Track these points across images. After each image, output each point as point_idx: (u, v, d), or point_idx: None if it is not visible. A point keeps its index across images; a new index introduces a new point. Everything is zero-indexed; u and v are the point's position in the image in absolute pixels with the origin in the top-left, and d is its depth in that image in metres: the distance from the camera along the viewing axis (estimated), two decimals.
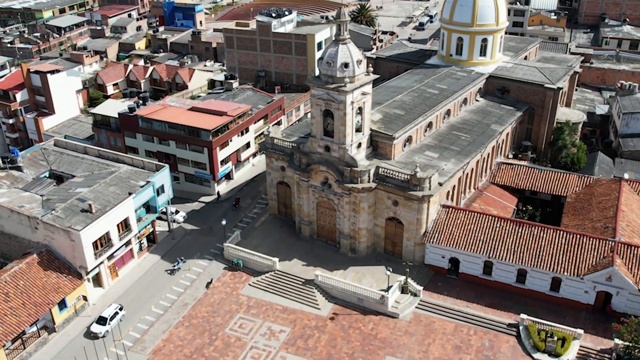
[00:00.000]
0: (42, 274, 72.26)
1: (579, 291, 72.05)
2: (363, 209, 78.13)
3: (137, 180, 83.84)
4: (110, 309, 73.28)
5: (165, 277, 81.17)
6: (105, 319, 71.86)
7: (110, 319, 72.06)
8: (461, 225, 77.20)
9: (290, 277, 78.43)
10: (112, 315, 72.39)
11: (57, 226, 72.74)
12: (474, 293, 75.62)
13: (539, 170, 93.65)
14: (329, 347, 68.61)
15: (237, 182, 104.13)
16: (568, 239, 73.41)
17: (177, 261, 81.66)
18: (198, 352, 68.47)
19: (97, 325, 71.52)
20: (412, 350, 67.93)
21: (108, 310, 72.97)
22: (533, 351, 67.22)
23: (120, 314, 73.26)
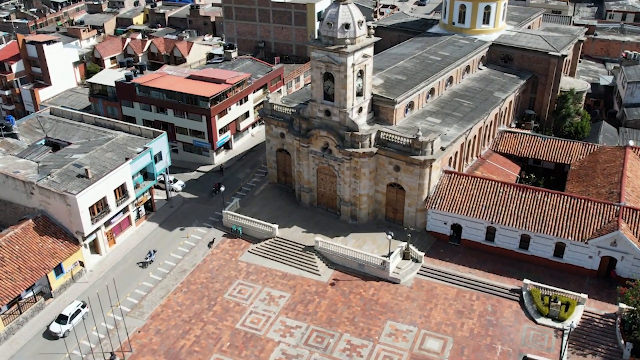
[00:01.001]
0: (38, 239, 71.11)
1: (583, 256, 70.97)
2: (364, 175, 76.83)
3: (134, 146, 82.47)
4: (72, 306, 66.97)
5: (164, 244, 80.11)
6: (66, 317, 65.56)
7: (72, 317, 65.85)
8: (464, 191, 75.95)
9: (290, 244, 77.34)
10: (73, 314, 66.09)
11: (52, 190, 71.49)
12: (476, 259, 74.57)
13: (542, 138, 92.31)
14: (329, 312, 67.68)
15: (236, 152, 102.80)
16: (572, 204, 72.20)
17: (149, 253, 76.00)
18: (197, 317, 67.55)
19: (57, 324, 65.25)
20: (413, 315, 66.99)
21: (69, 308, 66.68)
22: (536, 316, 66.27)
23: (83, 312, 66.74)
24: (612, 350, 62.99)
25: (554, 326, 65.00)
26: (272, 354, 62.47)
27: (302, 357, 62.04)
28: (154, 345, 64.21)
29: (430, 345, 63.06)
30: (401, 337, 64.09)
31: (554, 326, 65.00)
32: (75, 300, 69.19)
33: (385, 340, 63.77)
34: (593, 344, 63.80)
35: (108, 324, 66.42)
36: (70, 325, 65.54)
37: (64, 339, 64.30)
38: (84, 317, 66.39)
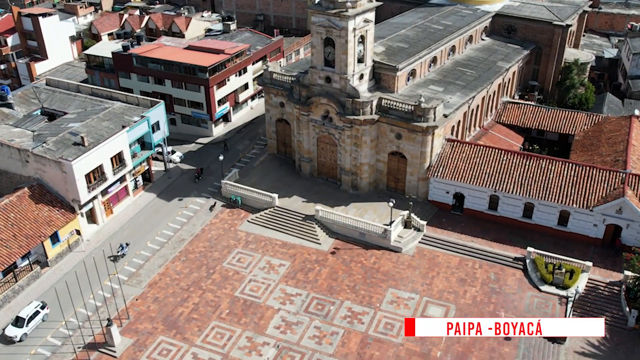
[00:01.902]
0: (34, 207, 69.93)
1: (588, 225, 69.82)
2: (365, 143, 75.48)
3: (132, 116, 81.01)
4: (30, 307, 61.59)
5: (162, 214, 78.94)
6: (23, 319, 60.24)
7: (29, 319, 60.64)
8: (466, 159, 74.63)
9: (289, 213, 76.16)
10: (31, 316, 60.89)
11: (48, 158, 70.23)
12: (479, 229, 73.43)
13: (546, 109, 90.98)
14: (329, 280, 66.63)
15: (235, 125, 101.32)
16: (577, 171, 70.95)
17: (121, 246, 70.95)
18: (195, 285, 66.52)
19: (13, 327, 59.98)
20: (415, 283, 65.95)
21: (27, 310, 61.24)
22: (540, 283, 65.24)
23: (42, 313, 61.82)
24: (617, 317, 62.07)
25: (558, 294, 63.99)
26: (271, 321, 61.49)
27: (302, 324, 61.05)
28: (152, 312, 63.23)
29: (433, 313, 62.06)
30: (403, 305, 63.08)
31: (558, 294, 63.99)
32: (35, 300, 63.48)
33: (387, 308, 62.77)
34: (598, 312, 62.83)
35: (105, 292, 65.35)
36: (27, 328, 60.16)
37: None
38: (43, 318, 61.69)
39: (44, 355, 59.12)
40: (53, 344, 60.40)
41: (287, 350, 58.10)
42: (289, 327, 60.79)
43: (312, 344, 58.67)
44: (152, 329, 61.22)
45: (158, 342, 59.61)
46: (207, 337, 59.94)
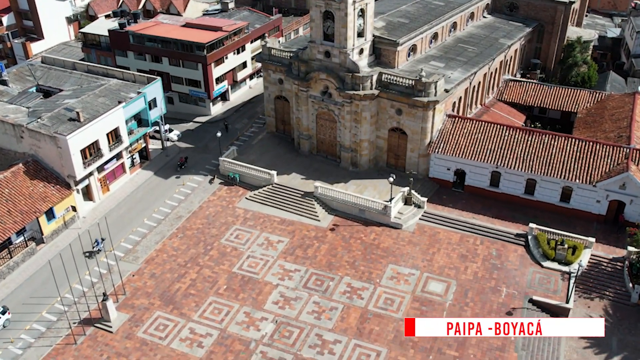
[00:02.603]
0: (29, 183, 68.91)
1: (591, 201, 68.82)
2: (365, 119, 74.32)
3: (128, 92, 79.84)
4: None
5: (159, 191, 77.98)
6: None
7: None
8: (468, 135, 73.50)
9: (288, 190, 75.15)
10: None
11: (43, 133, 69.12)
12: (481, 205, 72.44)
13: (548, 86, 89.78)
14: (329, 256, 65.71)
15: (233, 104, 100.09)
16: (580, 147, 69.87)
17: (96, 242, 67.10)
18: (192, 261, 65.63)
19: None
20: (416, 259, 65.05)
21: None
22: (542, 259, 64.34)
23: (3, 319, 57.96)
24: (619, 293, 61.29)
25: (560, 269, 63.09)
26: (270, 297, 60.63)
27: (300, 299, 60.19)
28: (149, 288, 62.36)
29: (433, 288, 61.20)
30: (403, 280, 62.20)
31: (560, 269, 63.09)
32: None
33: (387, 283, 61.90)
34: (600, 288, 62.06)
35: (101, 268, 64.41)
36: None
37: None
38: (4, 324, 58.11)
39: (39, 330, 58.32)
40: (48, 319, 59.56)
41: (286, 325, 57.30)
42: (287, 302, 59.94)
43: (311, 319, 57.85)
44: (149, 304, 60.38)
45: (155, 318, 58.79)
46: (205, 312, 59.11)
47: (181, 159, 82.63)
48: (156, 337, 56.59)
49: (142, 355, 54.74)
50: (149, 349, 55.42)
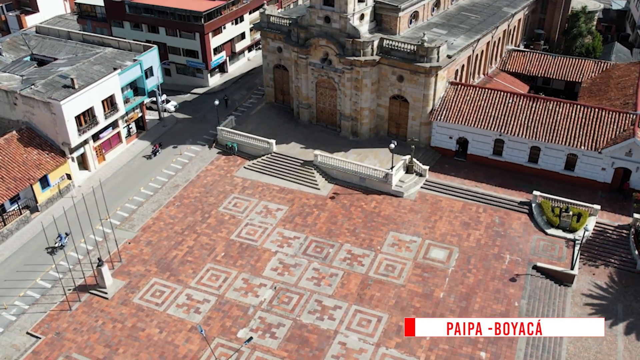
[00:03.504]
0: (22, 150, 67.50)
1: (596, 169, 67.46)
2: (365, 86, 72.74)
3: (124, 60, 78.16)
4: None
5: (155, 161, 76.66)
6: None
7: None
8: (471, 102, 71.98)
9: (287, 159, 73.78)
10: None
11: (36, 99, 67.57)
12: (483, 174, 71.09)
13: (552, 56, 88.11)
14: (328, 224, 64.44)
15: (231, 75, 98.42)
16: (585, 113, 68.38)
17: (59, 237, 62.62)
18: (190, 229, 64.36)
19: None
20: (417, 227, 63.79)
21: None
22: (546, 227, 63.09)
23: None
24: (625, 261, 60.13)
25: (564, 237, 61.84)
26: (268, 264, 59.43)
27: (300, 266, 59.00)
28: (145, 255, 61.16)
29: (435, 255, 60.00)
30: (404, 247, 60.97)
31: (564, 237, 61.84)
32: None
33: (388, 250, 60.68)
34: (605, 255, 60.88)
35: (97, 236, 63.10)
36: None
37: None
38: None
39: (33, 297, 57.17)
40: (42, 286, 58.41)
41: (285, 292, 56.14)
42: (286, 269, 58.75)
43: (311, 285, 56.68)
44: (145, 271, 59.20)
45: (151, 284, 57.63)
46: (202, 279, 57.96)
47: (155, 145, 78.08)
48: (152, 304, 55.46)
49: (138, 321, 53.62)
50: (145, 314, 54.29)
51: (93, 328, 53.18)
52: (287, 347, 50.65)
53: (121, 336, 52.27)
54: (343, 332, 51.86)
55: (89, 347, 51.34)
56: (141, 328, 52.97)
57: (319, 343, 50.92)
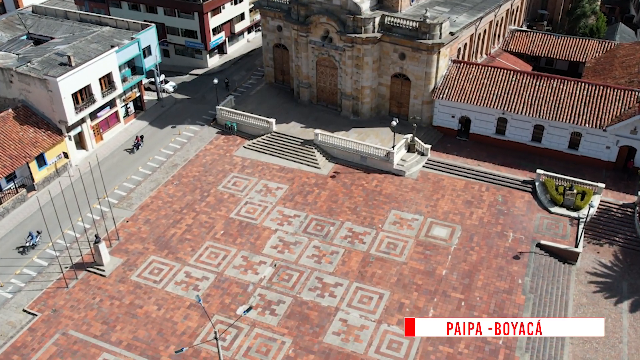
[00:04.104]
0: (19, 128, 66.54)
1: (600, 147, 66.54)
2: (367, 64, 71.65)
3: (122, 39, 77.00)
4: None
5: (154, 141, 75.73)
6: None
7: None
8: (474, 80, 70.94)
9: (287, 138, 72.80)
10: None
11: (33, 76, 66.52)
12: (486, 153, 70.18)
13: (555, 36, 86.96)
14: (329, 203, 63.55)
15: (230, 57, 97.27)
16: (590, 91, 67.34)
17: (30, 235, 59.91)
18: (189, 208, 63.46)
19: None
20: (419, 205, 62.89)
21: None
22: (550, 205, 62.21)
23: None
24: (629, 239, 59.36)
25: (569, 215, 60.94)
26: (268, 241, 58.58)
27: (300, 244, 58.16)
28: (143, 234, 60.30)
29: (438, 233, 59.14)
30: (406, 225, 60.10)
31: (569, 215, 60.94)
32: None
33: (389, 228, 59.83)
34: (610, 234, 60.10)
35: (94, 214, 62.25)
36: None
37: None
38: None
39: (30, 275, 56.38)
40: (39, 264, 57.59)
41: (285, 269, 55.30)
42: (286, 246, 57.91)
43: (311, 263, 55.86)
44: (143, 249, 58.37)
45: (149, 262, 56.83)
46: (201, 256, 57.14)
47: (137, 138, 74.27)
48: (150, 281, 54.67)
49: (135, 298, 52.84)
50: (143, 292, 53.50)
51: (90, 305, 52.38)
52: (287, 324, 49.88)
53: (119, 313, 51.48)
54: (344, 309, 51.08)
55: (86, 324, 50.55)
56: (139, 305, 52.16)
57: (320, 320, 50.15)
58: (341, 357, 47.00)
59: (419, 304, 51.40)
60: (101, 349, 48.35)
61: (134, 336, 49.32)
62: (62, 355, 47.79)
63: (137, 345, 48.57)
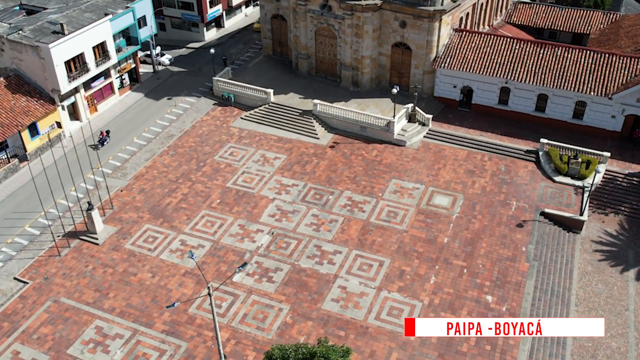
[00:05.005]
0: (10, 97, 64.93)
1: (605, 117, 65.05)
2: (367, 33, 69.97)
3: (116, 8, 75.18)
4: None
5: (149, 112, 74.20)
6: None
7: None
8: (476, 49, 69.30)
9: (286, 109, 71.25)
10: None
11: (24, 43, 64.81)
12: (488, 124, 68.69)
13: (559, 8, 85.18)
14: (328, 172, 62.13)
15: (228, 30, 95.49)
16: (595, 59, 65.74)
17: None
18: (184, 177, 62.05)
19: None
20: (420, 175, 61.48)
21: None
22: (554, 174, 60.81)
23: None
24: (635, 208, 58.15)
25: (573, 184, 59.54)
26: (266, 210, 57.19)
27: (298, 212, 56.77)
28: (137, 203, 58.90)
29: (439, 202, 57.75)
30: (407, 194, 58.70)
31: (573, 184, 59.54)
32: None
33: (390, 197, 58.45)
34: (615, 203, 58.86)
35: (88, 184, 60.81)
36: None
37: None
38: None
39: (21, 244, 55.02)
40: (31, 233, 56.23)
41: (283, 237, 53.91)
42: (284, 215, 56.54)
43: (310, 231, 54.51)
44: (138, 218, 56.99)
45: (144, 230, 55.46)
46: (197, 225, 55.78)
47: (102, 133, 68.82)
48: (145, 249, 53.33)
49: (129, 266, 51.52)
50: (137, 260, 52.17)
51: (83, 273, 51.07)
52: (284, 291, 48.59)
53: (112, 281, 50.18)
54: (343, 277, 49.79)
55: (78, 291, 49.25)
56: (133, 273, 50.86)
57: (318, 287, 48.86)
58: (340, 323, 45.75)
59: (420, 271, 50.09)
60: (93, 315, 47.08)
61: (127, 303, 48.04)
62: (53, 322, 46.52)
63: (130, 312, 47.30)
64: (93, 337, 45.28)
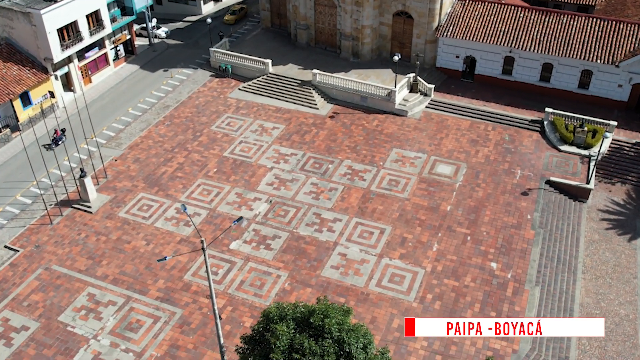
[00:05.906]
0: (1, 65, 63.37)
1: (612, 86, 63.39)
2: (367, 2, 68.24)
3: None
4: None
5: (145, 83, 72.56)
6: None
7: None
8: (479, 17, 67.54)
9: (284, 79, 69.57)
10: None
11: (15, 10, 63.02)
12: (492, 94, 67.09)
13: None
14: (328, 142, 60.59)
15: (225, 4, 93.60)
16: (602, 26, 64.01)
17: None
18: (180, 147, 60.51)
19: None
20: (422, 144, 59.95)
21: None
22: (559, 144, 59.30)
23: None
24: None
25: (579, 153, 58.03)
26: (263, 179, 55.70)
27: (297, 181, 55.28)
28: (132, 172, 57.40)
29: (442, 170, 56.28)
30: (409, 163, 57.20)
31: (579, 153, 58.03)
32: None
33: (391, 166, 56.95)
34: (622, 172, 57.45)
35: (81, 154, 59.24)
36: None
37: None
38: None
39: (13, 212, 53.56)
40: (23, 202, 54.75)
41: (281, 205, 52.43)
42: (282, 183, 55.05)
43: (309, 199, 53.03)
44: (132, 186, 55.50)
45: (138, 199, 53.98)
46: (193, 193, 54.33)
47: (57, 131, 62.65)
48: (139, 217, 51.87)
49: (123, 234, 50.07)
50: (131, 228, 50.72)
51: (75, 241, 49.63)
52: (282, 258, 47.18)
53: (105, 249, 48.75)
54: (343, 244, 48.38)
55: (71, 259, 47.83)
56: (126, 241, 49.44)
57: (318, 254, 47.44)
58: (340, 290, 44.37)
59: (423, 238, 48.68)
60: (86, 283, 45.68)
61: (121, 271, 46.64)
62: (44, 290, 45.13)
63: (123, 279, 45.89)
64: (85, 304, 43.90)
